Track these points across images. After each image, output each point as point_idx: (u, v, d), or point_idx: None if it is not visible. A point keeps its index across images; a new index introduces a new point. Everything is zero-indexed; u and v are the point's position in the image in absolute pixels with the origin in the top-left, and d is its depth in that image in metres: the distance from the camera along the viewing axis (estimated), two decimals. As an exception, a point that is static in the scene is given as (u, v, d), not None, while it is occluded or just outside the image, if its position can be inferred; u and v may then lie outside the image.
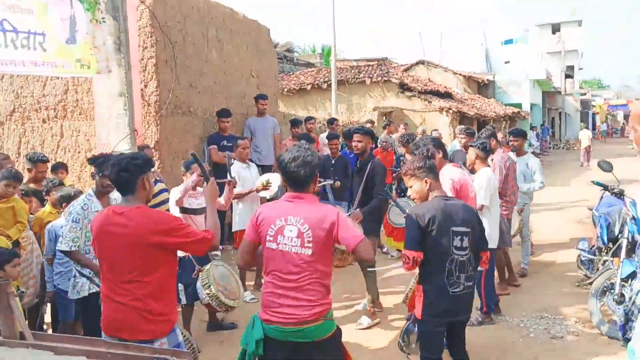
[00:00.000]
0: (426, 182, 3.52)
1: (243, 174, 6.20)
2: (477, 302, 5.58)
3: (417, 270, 3.52)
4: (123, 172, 2.90)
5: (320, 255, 2.88)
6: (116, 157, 3.04)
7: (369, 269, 5.34)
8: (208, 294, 4.66)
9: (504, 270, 6.34)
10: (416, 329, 3.53)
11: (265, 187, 6.19)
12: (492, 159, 6.14)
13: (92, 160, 4.13)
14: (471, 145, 5.59)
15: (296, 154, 2.96)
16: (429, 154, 3.70)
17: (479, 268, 5.12)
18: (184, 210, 4.99)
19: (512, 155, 6.95)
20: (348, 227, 2.90)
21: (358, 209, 5.36)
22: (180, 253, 4.84)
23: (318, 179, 3.17)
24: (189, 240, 2.89)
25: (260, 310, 2.96)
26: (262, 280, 6.46)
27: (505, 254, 6.33)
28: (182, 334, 3.35)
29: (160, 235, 2.82)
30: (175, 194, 5.00)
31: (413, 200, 3.82)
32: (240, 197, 6.07)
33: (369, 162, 5.63)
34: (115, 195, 4.32)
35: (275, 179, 6.29)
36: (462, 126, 10.37)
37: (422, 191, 3.55)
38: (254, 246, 3.01)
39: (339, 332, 3.01)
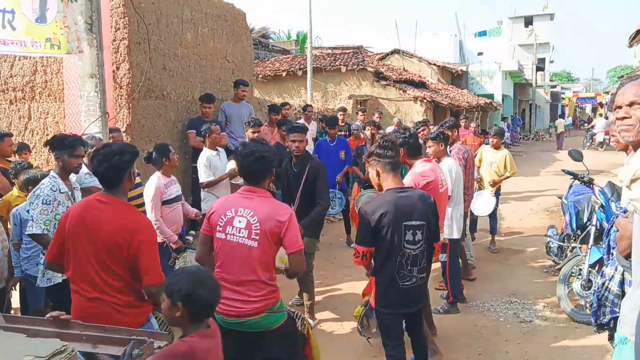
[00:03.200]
0: (376, 170, 3.45)
1: (213, 161, 6.09)
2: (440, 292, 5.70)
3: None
4: (112, 169, 2.83)
5: (265, 249, 2.90)
6: (104, 151, 2.90)
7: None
8: None
9: (465, 260, 6.43)
10: (373, 315, 3.57)
11: (237, 173, 6.08)
12: (450, 151, 6.15)
13: (49, 142, 3.99)
14: (428, 138, 5.50)
15: (253, 149, 3.03)
16: (385, 142, 3.55)
17: (442, 259, 5.22)
18: (165, 202, 4.92)
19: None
20: (295, 231, 2.95)
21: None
22: (158, 238, 4.84)
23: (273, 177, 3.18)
24: (150, 264, 2.76)
25: None
26: None
27: (461, 247, 6.20)
28: (159, 319, 3.34)
29: (134, 242, 2.72)
30: (151, 187, 4.88)
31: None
32: (211, 185, 5.99)
33: (307, 163, 5.11)
34: (74, 178, 4.24)
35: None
36: (418, 120, 10.38)
37: (373, 179, 3.53)
38: (209, 238, 3.03)
39: (290, 322, 3.01)
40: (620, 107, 2.20)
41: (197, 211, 5.39)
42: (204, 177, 6.02)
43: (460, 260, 5.96)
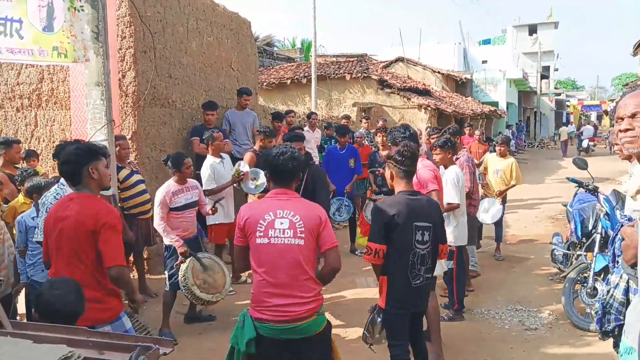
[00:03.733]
0: (390, 173, 3.63)
1: (217, 169, 6.13)
2: (444, 299, 5.67)
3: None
4: (65, 164, 3.06)
5: (310, 247, 2.89)
6: (63, 151, 3.16)
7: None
8: (184, 286, 4.70)
9: (467, 270, 6.38)
10: (379, 319, 3.60)
11: (239, 177, 6.11)
12: (457, 159, 6.16)
13: (56, 154, 4.09)
14: (435, 146, 5.46)
15: (284, 150, 3.04)
16: (405, 152, 3.72)
17: (449, 266, 5.23)
18: (173, 209, 5.00)
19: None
20: (330, 228, 2.99)
21: None
22: (166, 241, 4.93)
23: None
24: (109, 246, 2.93)
25: (250, 308, 2.93)
26: (244, 278, 6.39)
27: (467, 254, 6.21)
28: (138, 321, 3.54)
29: (97, 225, 2.91)
30: (160, 194, 4.97)
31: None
32: (213, 193, 5.99)
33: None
34: None
35: (245, 166, 6.19)
36: (434, 127, 10.35)
37: (388, 179, 3.70)
38: (245, 250, 2.98)
39: (329, 326, 3.02)
40: (622, 119, 2.19)
41: (210, 208, 5.43)
42: (206, 184, 6.04)
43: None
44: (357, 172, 8.19)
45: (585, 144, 27.05)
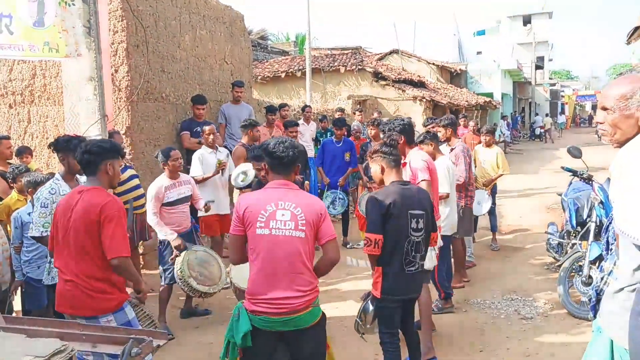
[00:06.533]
0: (380, 166, 3.70)
1: (207, 158, 6.22)
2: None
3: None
4: (86, 154, 3.14)
5: (310, 240, 2.89)
6: (84, 142, 3.29)
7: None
8: (180, 279, 4.70)
9: (464, 261, 6.38)
10: (371, 308, 3.63)
11: (221, 165, 6.15)
12: (452, 149, 6.14)
13: (54, 144, 4.04)
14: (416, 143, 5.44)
15: (283, 139, 3.04)
16: (391, 141, 3.83)
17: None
18: (166, 204, 4.99)
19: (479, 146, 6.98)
20: (330, 222, 3.00)
21: None
22: (160, 236, 4.94)
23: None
24: (113, 237, 3.00)
25: (245, 300, 2.90)
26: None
27: (463, 245, 6.30)
28: (143, 311, 3.58)
29: (101, 217, 2.99)
30: (152, 189, 4.96)
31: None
32: (197, 182, 5.96)
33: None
34: (84, 179, 4.26)
35: (222, 154, 6.30)
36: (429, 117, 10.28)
37: (376, 174, 3.77)
38: (242, 239, 2.92)
39: (324, 317, 3.02)
40: (602, 109, 2.22)
41: (204, 204, 5.43)
42: (193, 171, 6.11)
43: (453, 261, 5.90)
44: (352, 165, 8.19)
45: (538, 131, 31.95)
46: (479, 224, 7.99)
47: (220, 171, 6.21)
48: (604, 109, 2.16)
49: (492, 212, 7.74)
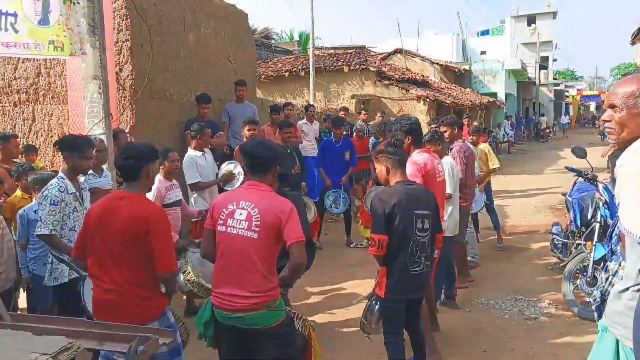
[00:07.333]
0: (385, 166, 3.68)
1: (199, 162, 5.97)
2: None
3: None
4: (130, 159, 3.01)
5: (265, 242, 2.86)
6: (126, 146, 3.24)
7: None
8: (189, 280, 4.65)
9: (465, 261, 6.33)
10: (377, 307, 3.63)
11: (230, 177, 6.09)
12: (450, 149, 6.09)
13: (59, 143, 4.02)
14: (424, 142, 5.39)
15: (260, 140, 3.12)
16: (396, 141, 3.83)
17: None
18: (164, 205, 4.96)
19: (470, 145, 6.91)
20: (296, 223, 2.88)
21: None
22: None
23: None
24: (162, 252, 2.91)
25: None
26: None
27: (463, 248, 6.22)
28: (174, 314, 3.44)
29: (149, 228, 2.88)
30: (154, 188, 4.93)
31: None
32: (200, 188, 5.91)
33: (293, 165, 5.29)
34: (82, 179, 4.27)
35: (237, 167, 6.14)
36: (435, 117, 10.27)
37: (381, 174, 3.75)
38: (212, 232, 3.00)
39: (287, 321, 2.97)
40: (609, 107, 2.20)
41: (199, 210, 5.41)
42: (191, 178, 5.89)
43: (455, 263, 5.80)
44: (352, 165, 8.18)
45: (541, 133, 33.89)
46: (482, 224, 7.97)
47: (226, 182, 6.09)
48: (612, 107, 2.15)
49: (491, 210, 7.71)
